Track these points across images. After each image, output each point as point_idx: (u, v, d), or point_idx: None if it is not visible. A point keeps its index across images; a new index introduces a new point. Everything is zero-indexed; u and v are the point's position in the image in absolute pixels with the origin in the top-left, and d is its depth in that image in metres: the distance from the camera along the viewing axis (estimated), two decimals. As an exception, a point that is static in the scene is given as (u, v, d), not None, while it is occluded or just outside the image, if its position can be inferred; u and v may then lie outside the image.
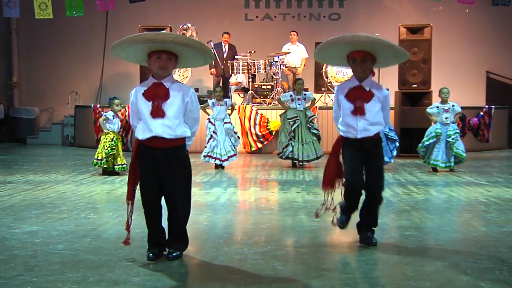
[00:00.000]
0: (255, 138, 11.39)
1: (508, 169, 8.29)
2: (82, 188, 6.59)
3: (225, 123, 8.59)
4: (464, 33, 14.61)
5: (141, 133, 3.50)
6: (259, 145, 11.40)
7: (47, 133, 14.54)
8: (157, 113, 3.45)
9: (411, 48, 10.77)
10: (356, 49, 3.80)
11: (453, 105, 8.17)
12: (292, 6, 15.15)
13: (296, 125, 8.58)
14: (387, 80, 12.30)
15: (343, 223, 4.09)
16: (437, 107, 8.22)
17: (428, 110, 8.37)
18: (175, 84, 3.56)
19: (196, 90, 13.97)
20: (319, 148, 8.64)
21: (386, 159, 8.15)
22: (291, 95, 8.76)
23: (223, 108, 8.60)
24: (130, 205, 3.56)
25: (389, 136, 8.17)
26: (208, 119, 8.66)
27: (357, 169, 3.90)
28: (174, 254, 3.57)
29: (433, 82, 10.89)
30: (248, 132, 11.36)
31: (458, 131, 8.16)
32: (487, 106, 12.15)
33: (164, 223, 3.66)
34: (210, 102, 8.70)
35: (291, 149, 8.58)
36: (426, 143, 8.16)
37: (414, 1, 14.87)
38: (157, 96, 3.47)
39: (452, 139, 7.99)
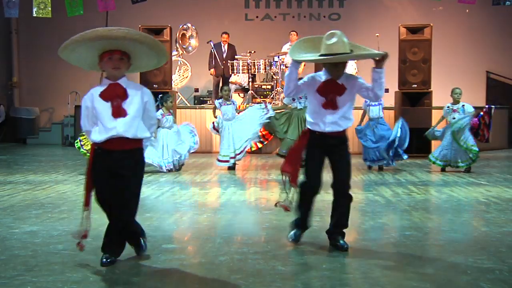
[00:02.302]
0: (255, 138, 11.37)
1: (508, 169, 8.29)
2: (82, 188, 6.57)
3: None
4: (464, 33, 14.61)
5: (98, 135, 3.39)
6: (259, 145, 11.40)
7: (47, 133, 14.54)
8: (119, 112, 3.37)
9: (411, 48, 10.79)
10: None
11: (463, 105, 8.14)
12: (292, 6, 15.15)
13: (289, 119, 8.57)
14: (387, 80, 12.24)
15: (296, 235, 3.95)
16: (448, 107, 8.21)
17: (443, 113, 8.34)
18: (131, 84, 3.49)
19: (196, 90, 13.98)
20: None
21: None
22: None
23: (229, 107, 8.47)
24: (87, 211, 3.45)
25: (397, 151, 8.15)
26: (213, 123, 8.56)
27: (317, 171, 3.84)
28: (108, 260, 3.45)
29: (433, 82, 10.89)
30: (248, 132, 11.34)
31: (464, 124, 8.07)
32: (487, 106, 12.14)
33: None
34: (217, 102, 8.60)
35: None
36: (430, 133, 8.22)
37: (414, 1, 14.87)
38: (116, 96, 3.39)
39: (455, 127, 7.93)
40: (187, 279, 3.28)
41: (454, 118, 8.09)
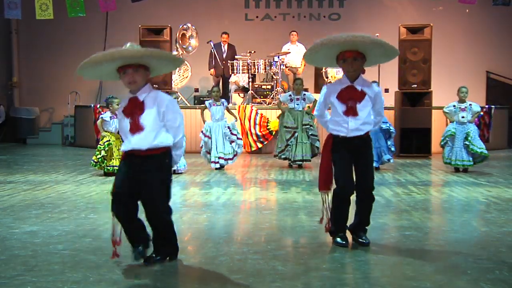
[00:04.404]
0: (255, 138, 11.39)
1: (508, 169, 8.28)
2: (82, 188, 6.59)
3: (228, 129, 8.56)
4: (464, 33, 14.61)
5: (124, 146, 3.50)
6: (259, 145, 11.41)
7: (47, 133, 14.54)
8: (135, 129, 3.41)
9: (411, 48, 10.79)
10: (347, 48, 3.78)
11: (470, 104, 8.11)
12: (292, 6, 15.15)
13: (293, 137, 8.54)
14: (387, 80, 12.32)
15: (342, 238, 3.93)
16: (454, 106, 8.16)
17: (445, 109, 8.29)
18: (150, 95, 3.46)
19: (196, 90, 13.98)
20: (309, 152, 8.60)
21: (385, 158, 8.15)
22: (290, 95, 8.76)
23: (219, 108, 8.59)
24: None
25: (383, 128, 8.11)
26: (202, 131, 8.59)
27: (348, 174, 3.87)
28: (159, 258, 3.53)
29: (433, 82, 10.89)
30: (248, 132, 11.36)
31: (475, 131, 8.10)
32: (487, 106, 12.15)
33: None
34: (207, 103, 8.73)
35: (287, 154, 8.61)
36: (442, 143, 8.15)
37: (414, 1, 14.87)
38: (133, 112, 3.43)
39: (468, 141, 7.94)
40: (187, 279, 3.28)
41: (463, 117, 8.06)
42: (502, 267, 3.40)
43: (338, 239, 3.92)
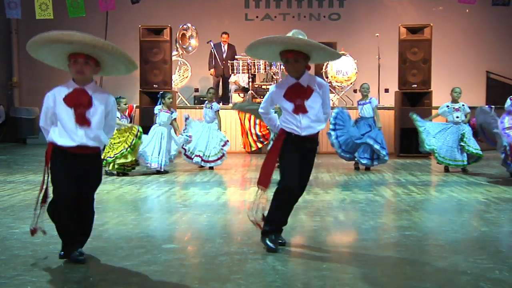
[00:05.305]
0: (255, 138, 11.39)
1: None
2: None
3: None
4: (464, 33, 14.60)
5: (59, 139, 3.34)
6: (259, 145, 11.41)
7: (47, 133, 14.53)
8: (82, 121, 3.33)
9: (411, 48, 10.80)
10: (288, 48, 3.72)
11: (463, 105, 8.25)
12: (292, 6, 15.15)
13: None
14: (387, 80, 12.33)
15: (273, 242, 3.73)
16: (447, 106, 8.27)
17: (439, 111, 8.41)
18: (97, 91, 3.43)
19: (196, 90, 13.98)
20: None
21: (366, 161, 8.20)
22: None
23: (207, 111, 8.65)
24: (42, 208, 3.46)
25: (375, 149, 8.09)
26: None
27: (295, 173, 3.76)
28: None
29: (433, 82, 10.89)
30: (248, 132, 11.36)
31: (470, 131, 8.15)
32: (487, 106, 12.15)
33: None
34: (204, 106, 8.77)
35: None
36: (428, 147, 8.13)
37: (414, 1, 14.87)
38: (80, 104, 3.34)
39: (464, 142, 7.99)
40: (187, 279, 3.27)
41: (457, 117, 8.15)
42: (502, 267, 3.40)
43: (268, 242, 3.74)
